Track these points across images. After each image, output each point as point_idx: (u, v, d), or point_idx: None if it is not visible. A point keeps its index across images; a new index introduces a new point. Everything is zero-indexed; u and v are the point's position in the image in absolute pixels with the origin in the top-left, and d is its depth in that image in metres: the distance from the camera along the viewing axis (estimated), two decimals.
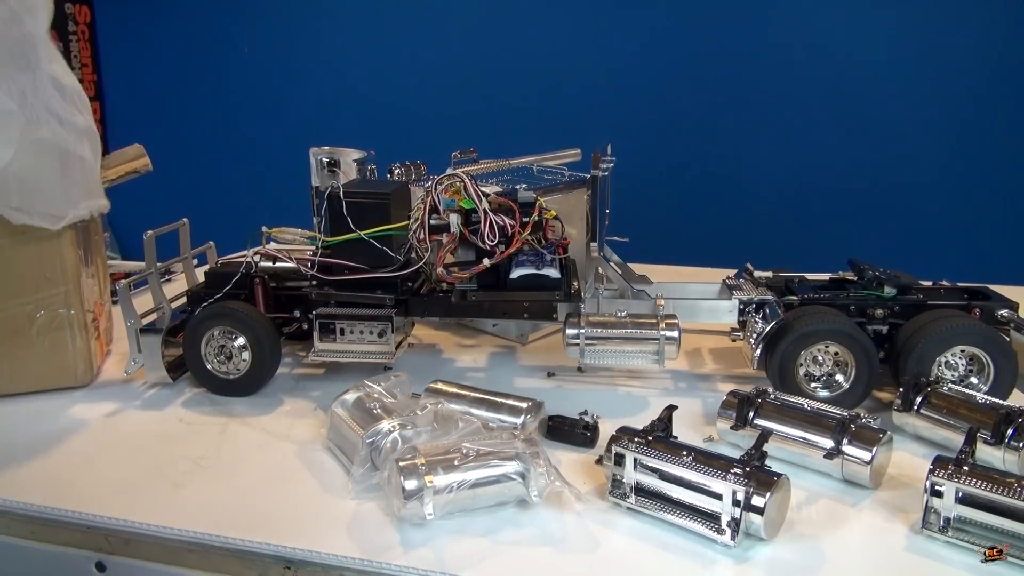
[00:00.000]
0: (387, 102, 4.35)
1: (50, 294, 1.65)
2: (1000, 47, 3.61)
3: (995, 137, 3.70)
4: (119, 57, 4.76)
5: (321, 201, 1.65)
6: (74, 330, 1.68)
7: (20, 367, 1.67)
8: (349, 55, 4.43)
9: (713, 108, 3.98)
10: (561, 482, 1.23)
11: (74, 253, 1.66)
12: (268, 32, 4.54)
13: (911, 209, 3.86)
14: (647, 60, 4.01)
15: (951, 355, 1.56)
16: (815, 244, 3.58)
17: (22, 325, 1.64)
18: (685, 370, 1.83)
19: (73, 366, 1.70)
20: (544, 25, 4.13)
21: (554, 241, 1.67)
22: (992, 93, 3.67)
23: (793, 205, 3.98)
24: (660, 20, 3.99)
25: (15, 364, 1.66)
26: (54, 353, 1.68)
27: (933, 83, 3.72)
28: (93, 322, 1.75)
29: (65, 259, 1.65)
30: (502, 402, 1.45)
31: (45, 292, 1.64)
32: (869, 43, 3.74)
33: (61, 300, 1.66)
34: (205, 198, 4.37)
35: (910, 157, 3.83)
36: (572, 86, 4.10)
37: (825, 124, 3.88)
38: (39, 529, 1.28)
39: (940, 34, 3.67)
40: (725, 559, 1.12)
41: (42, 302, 1.65)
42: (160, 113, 4.72)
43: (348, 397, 1.45)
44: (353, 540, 1.16)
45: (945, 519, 1.13)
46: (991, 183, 3.76)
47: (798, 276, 1.82)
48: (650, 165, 3.76)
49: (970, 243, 3.77)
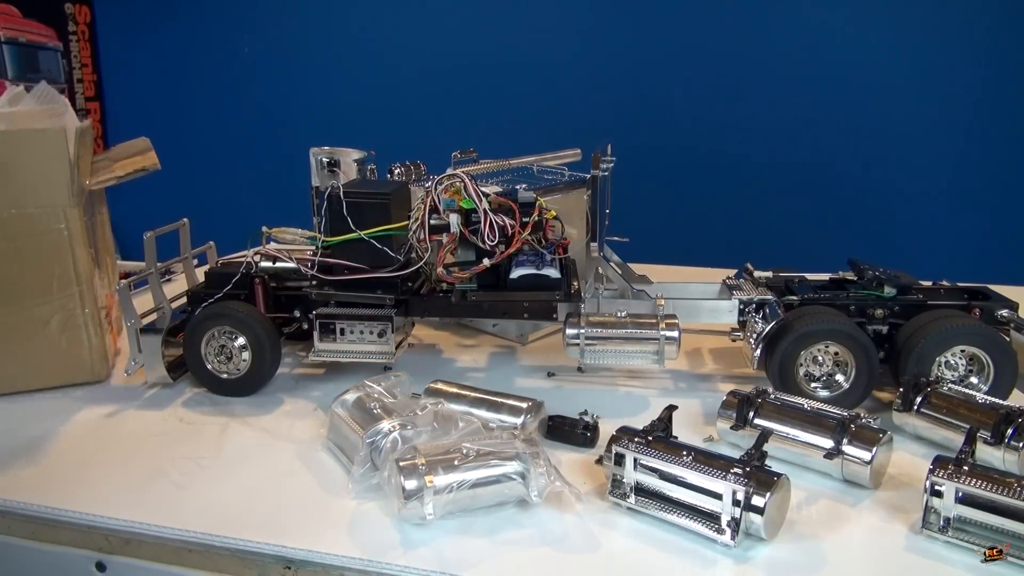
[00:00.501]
0: (387, 102, 4.35)
1: (65, 295, 1.67)
2: (1000, 47, 3.61)
3: (995, 137, 3.70)
4: (119, 57, 4.76)
5: (321, 201, 1.65)
6: (89, 328, 1.71)
7: (38, 364, 1.70)
8: (349, 55, 4.43)
9: (714, 108, 3.98)
10: (561, 482, 1.23)
11: (86, 253, 1.68)
12: (268, 32, 4.54)
13: (911, 209, 3.86)
14: (647, 60, 4.01)
15: (951, 355, 1.56)
16: (815, 244, 3.58)
17: (38, 326, 1.67)
18: (685, 370, 1.83)
19: (89, 362, 1.73)
20: (544, 25, 4.13)
21: (554, 241, 1.67)
22: (993, 93, 3.67)
23: (793, 205, 3.97)
24: (661, 20, 3.99)
25: (33, 361, 1.70)
26: (71, 351, 1.71)
27: (934, 83, 3.72)
28: (106, 317, 1.78)
29: (78, 260, 1.67)
30: (502, 402, 1.45)
31: (60, 293, 1.67)
32: (870, 43, 3.74)
33: (76, 300, 1.68)
34: (205, 198, 4.37)
35: (910, 157, 3.83)
36: (572, 86, 4.10)
37: (825, 124, 3.88)
38: (39, 529, 1.28)
39: (940, 34, 3.67)
40: (725, 559, 1.12)
41: (58, 303, 1.67)
42: (160, 113, 4.72)
43: (348, 397, 1.45)
44: (353, 540, 1.16)
45: (945, 519, 1.13)
46: (991, 183, 3.76)
47: (798, 276, 1.82)
48: (650, 165, 3.76)
49: (970, 243, 3.78)
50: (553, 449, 1.42)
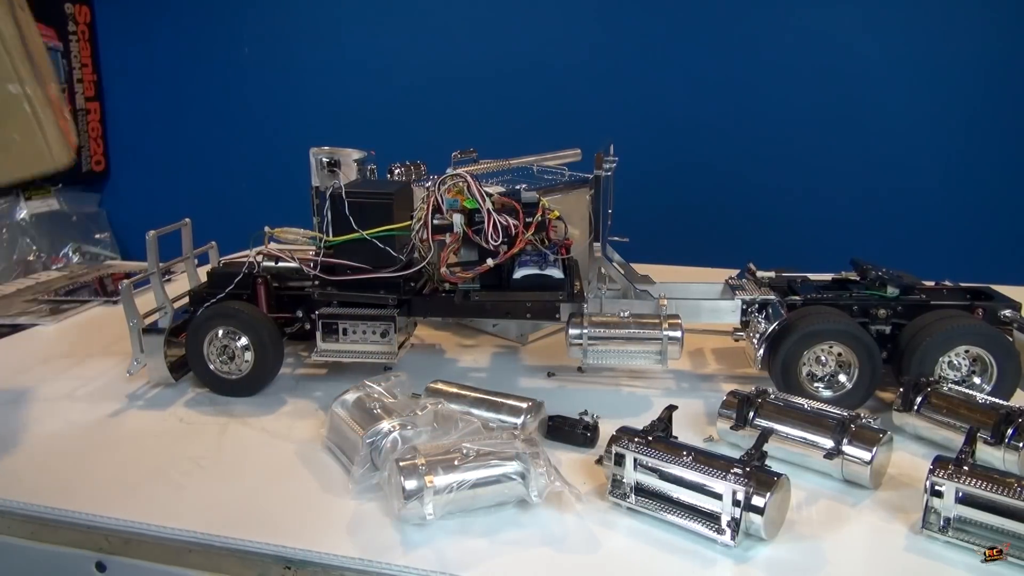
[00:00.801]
0: (387, 102, 4.35)
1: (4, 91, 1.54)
2: (1001, 47, 3.61)
3: (998, 137, 3.69)
4: (119, 57, 4.75)
5: (321, 201, 1.65)
6: (36, 110, 1.58)
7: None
8: (349, 55, 4.43)
9: (715, 108, 3.98)
10: (561, 482, 1.23)
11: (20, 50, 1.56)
12: (268, 33, 4.54)
13: (914, 209, 3.85)
14: (648, 60, 4.01)
15: (954, 355, 1.56)
16: (818, 244, 3.58)
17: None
18: (688, 370, 1.83)
19: (47, 148, 1.61)
20: (544, 25, 4.13)
21: (557, 241, 1.67)
22: (994, 93, 3.66)
23: (796, 205, 3.97)
24: (661, 20, 3.99)
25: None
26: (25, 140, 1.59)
27: (935, 83, 3.71)
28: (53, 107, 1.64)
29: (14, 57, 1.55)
30: (502, 402, 1.45)
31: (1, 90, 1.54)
32: (872, 42, 3.74)
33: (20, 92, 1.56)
34: (206, 198, 4.37)
35: (913, 157, 3.82)
36: (572, 86, 4.10)
37: (828, 124, 3.87)
38: (39, 529, 1.28)
39: (941, 34, 3.66)
40: (725, 559, 1.11)
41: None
42: (160, 113, 4.72)
43: (348, 397, 1.45)
44: (353, 540, 1.16)
45: (945, 519, 1.13)
46: (994, 183, 3.75)
47: (801, 276, 1.82)
48: (652, 165, 3.76)
49: (973, 243, 3.77)
50: (553, 449, 1.42)
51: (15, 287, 2.61)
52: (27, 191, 4.26)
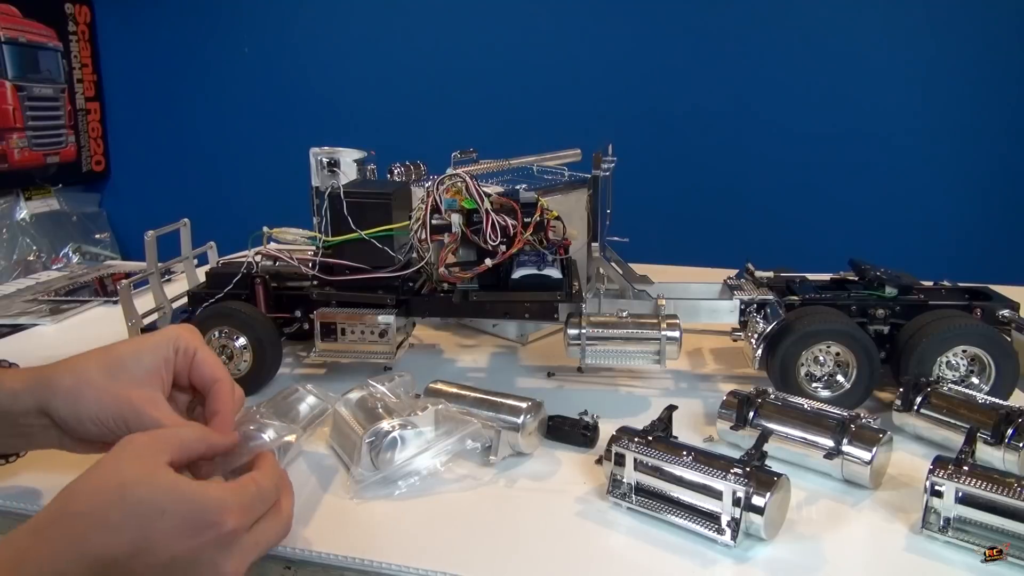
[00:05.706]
0: (387, 102, 4.35)
1: None
2: (1000, 47, 3.61)
3: (996, 137, 3.70)
4: (119, 57, 4.76)
5: (321, 201, 1.65)
6: None
7: None
8: (349, 55, 4.43)
9: (714, 107, 3.98)
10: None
11: None
12: (268, 32, 4.54)
13: (912, 209, 3.86)
14: (647, 59, 4.01)
15: (952, 355, 1.56)
16: (816, 244, 3.58)
17: None
18: (686, 370, 1.83)
19: None
20: (544, 25, 4.13)
21: (555, 242, 1.67)
22: (993, 93, 3.67)
23: (794, 205, 3.97)
24: (661, 20, 3.99)
25: None
26: None
27: (934, 83, 3.72)
28: None
29: None
30: (502, 402, 1.44)
31: None
32: (872, 42, 3.74)
33: None
34: (205, 198, 4.37)
35: (911, 157, 3.82)
36: (572, 86, 4.10)
37: (826, 123, 3.87)
38: None
39: (940, 34, 3.67)
40: (725, 559, 1.11)
41: None
42: (160, 113, 4.72)
43: (351, 396, 1.45)
44: (353, 540, 1.16)
45: (945, 519, 1.13)
46: (992, 183, 3.75)
47: (799, 276, 1.82)
48: (650, 165, 3.76)
49: (971, 243, 3.77)
50: (553, 449, 1.42)
51: (15, 287, 2.60)
52: (27, 191, 4.26)
